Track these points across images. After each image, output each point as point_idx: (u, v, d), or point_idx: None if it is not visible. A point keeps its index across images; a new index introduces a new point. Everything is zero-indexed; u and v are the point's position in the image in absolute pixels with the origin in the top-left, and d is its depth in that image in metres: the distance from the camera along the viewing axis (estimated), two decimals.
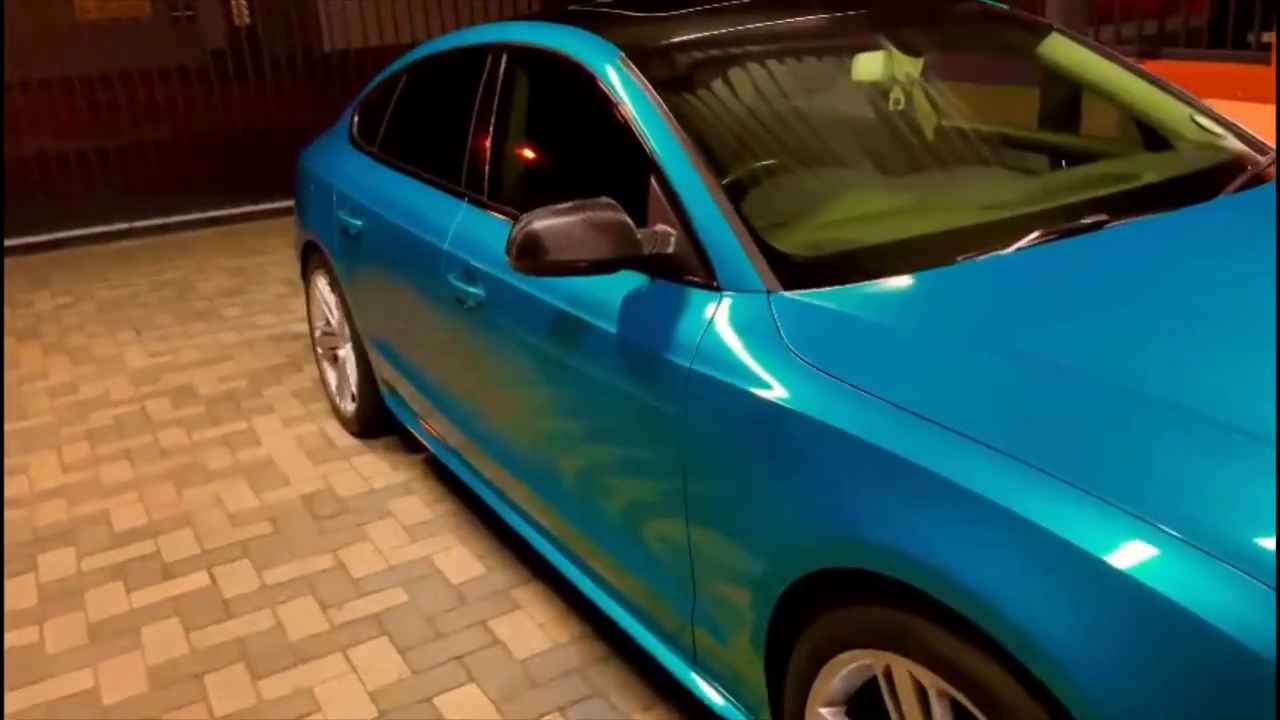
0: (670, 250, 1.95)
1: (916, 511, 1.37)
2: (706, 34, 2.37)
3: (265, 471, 3.56)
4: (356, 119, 3.66)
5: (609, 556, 2.21)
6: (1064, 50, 2.68)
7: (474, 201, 2.65)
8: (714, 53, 2.33)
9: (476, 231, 2.57)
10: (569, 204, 1.90)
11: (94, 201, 8.03)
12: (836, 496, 1.48)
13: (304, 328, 5.09)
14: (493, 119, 2.66)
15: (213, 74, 8.91)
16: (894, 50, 2.45)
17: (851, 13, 2.50)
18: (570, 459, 2.27)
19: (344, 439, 3.78)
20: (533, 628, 2.59)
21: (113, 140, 8.42)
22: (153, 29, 9.49)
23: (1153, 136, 2.58)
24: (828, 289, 1.76)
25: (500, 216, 2.52)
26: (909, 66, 2.48)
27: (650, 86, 2.18)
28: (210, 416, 4.08)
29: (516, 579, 2.81)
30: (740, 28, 2.40)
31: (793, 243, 1.91)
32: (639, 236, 1.92)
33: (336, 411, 3.91)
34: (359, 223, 3.22)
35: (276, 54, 9.15)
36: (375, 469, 3.53)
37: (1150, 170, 2.26)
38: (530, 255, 1.88)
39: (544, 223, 1.87)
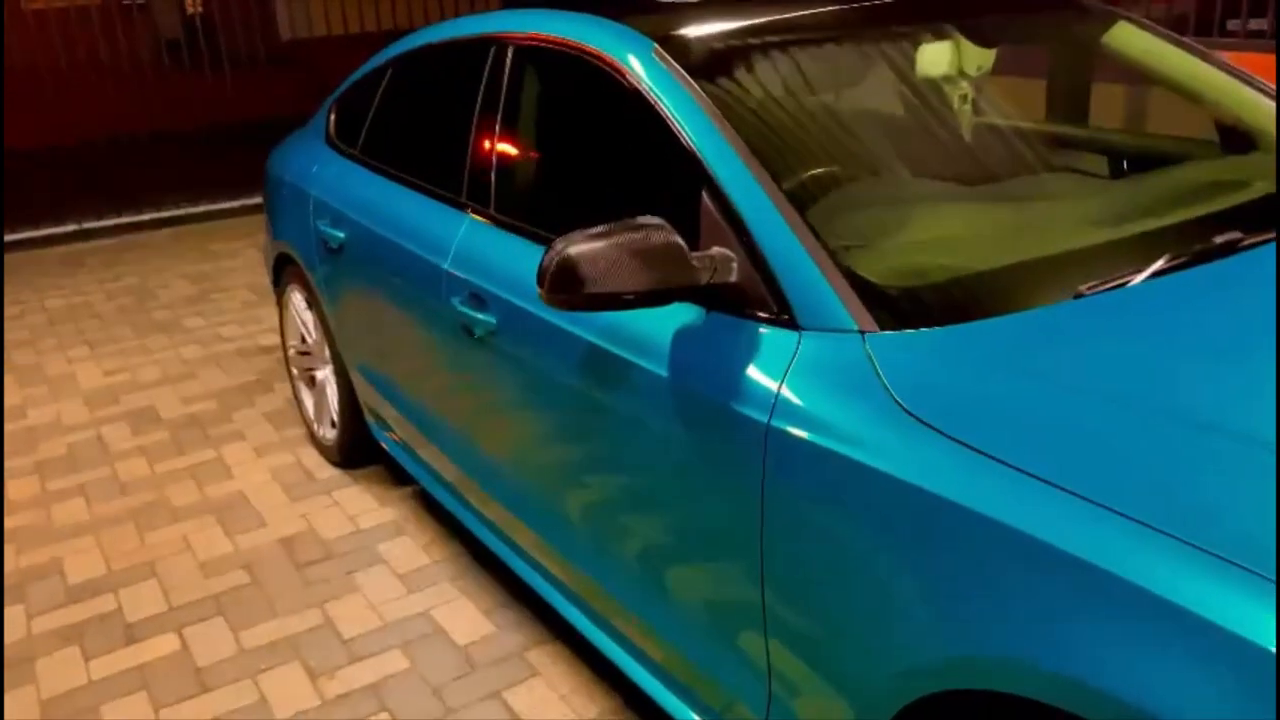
0: (733, 279, 1.64)
1: (1104, 630, 1.07)
2: (752, 21, 2.06)
3: (238, 510, 3.22)
4: (334, 118, 3.31)
5: (647, 624, 1.90)
6: (1133, 40, 2.40)
7: (479, 215, 2.33)
8: (761, 43, 2.02)
9: (483, 250, 2.25)
10: (608, 225, 1.59)
11: (43, 201, 7.58)
12: (988, 604, 1.19)
13: (275, 340, 4.73)
14: (498, 121, 2.34)
15: (166, 65, 8.47)
16: (963, 41, 2.16)
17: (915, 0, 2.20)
18: (602, 514, 1.96)
19: (324, 470, 3.45)
20: (554, 700, 2.28)
21: (62, 136, 7.96)
22: (103, 19, 9.00)
23: (1231, 135, 2.31)
24: (936, 328, 1.46)
25: (511, 233, 2.20)
26: (979, 59, 2.19)
27: (692, 83, 1.87)
28: (175, 444, 3.72)
29: (531, 639, 2.50)
30: (790, 14, 2.09)
31: (882, 269, 1.61)
32: (694, 263, 1.61)
33: (314, 439, 3.57)
34: (341, 235, 2.88)
35: (232, 44, 8.72)
36: (361, 505, 3.19)
37: (1258, 176, 1.98)
38: (566, 287, 1.57)
39: (581, 248, 1.56)
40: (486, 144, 2.35)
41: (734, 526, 1.59)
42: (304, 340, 3.50)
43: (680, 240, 1.59)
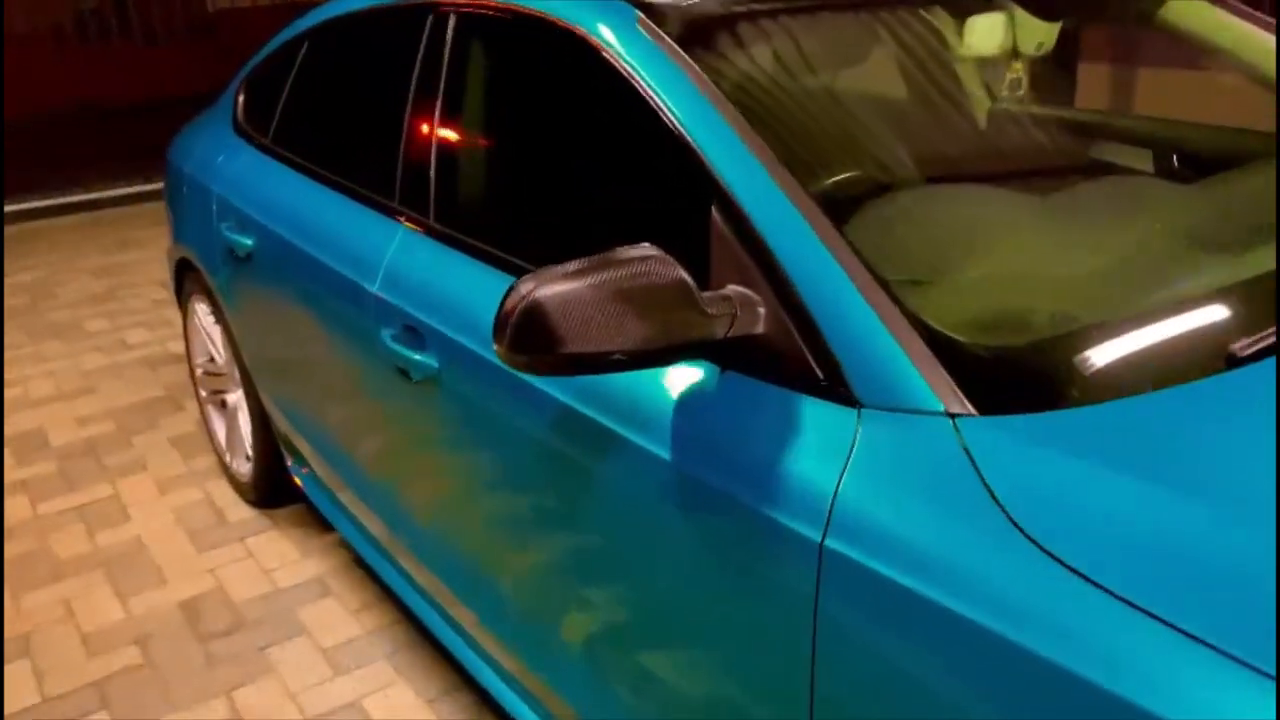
0: (759, 329, 1.22)
1: None
2: None
3: (134, 563, 2.73)
4: (242, 99, 2.81)
5: None
6: (1196, 15, 2.00)
7: (415, 225, 1.87)
8: (773, 10, 1.59)
9: (421, 271, 1.79)
10: (590, 259, 1.15)
11: None
12: None
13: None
14: (438, 109, 1.87)
15: (83, 36, 7.78)
16: (1020, 12, 1.74)
17: None
18: (572, 613, 1.53)
19: (237, 510, 2.96)
20: None
21: None
22: None
23: None
24: (1060, 410, 1.05)
25: (456, 249, 1.75)
26: (1041, 35, 1.77)
27: (690, 61, 1.43)
28: (64, 478, 3.21)
29: None
30: None
31: (961, 318, 1.19)
32: (707, 308, 1.18)
33: (226, 470, 3.08)
34: (249, 242, 2.39)
35: (153, 13, 8.04)
36: (280, 556, 2.72)
37: None
38: (533, 343, 1.13)
39: (553, 290, 1.12)
40: (423, 137, 1.89)
41: (769, 676, 1.16)
42: (212, 359, 3.00)
43: (687, 277, 1.16)
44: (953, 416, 1.06)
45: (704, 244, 1.30)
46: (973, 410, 1.06)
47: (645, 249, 1.16)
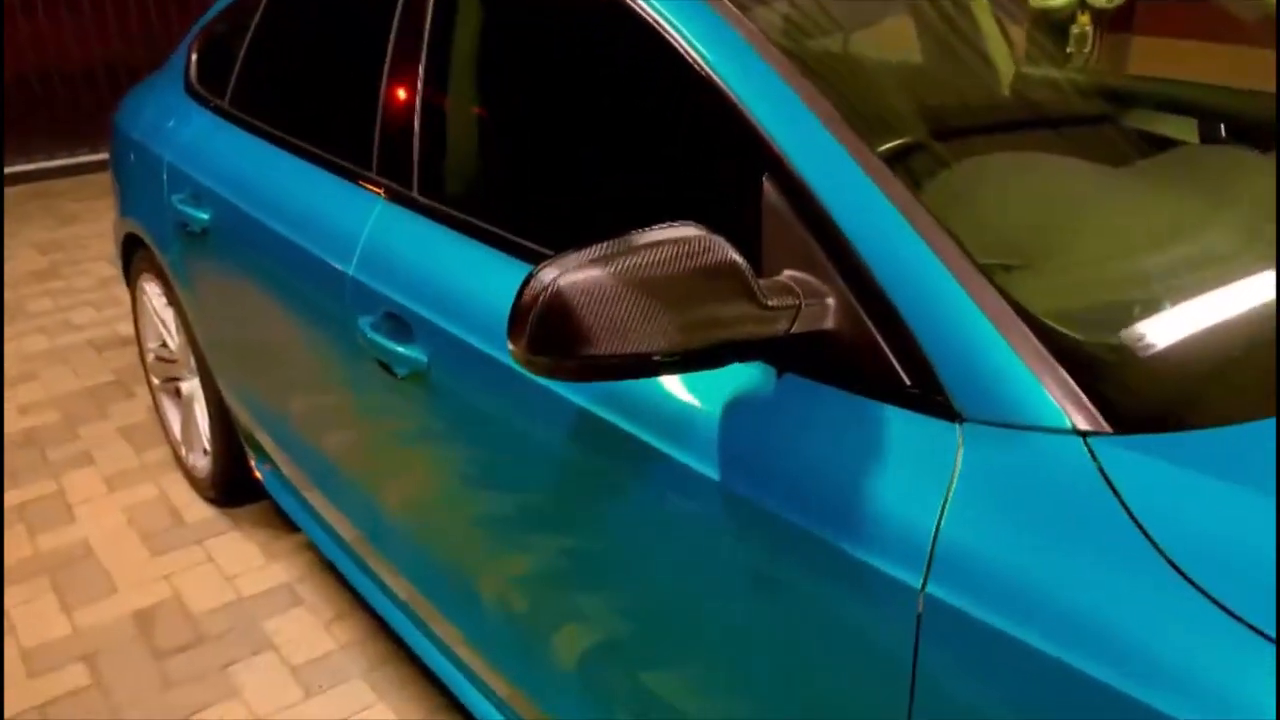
0: (828, 325, 1.01)
1: None
2: None
3: (80, 569, 2.48)
4: (196, 57, 2.54)
5: None
6: None
7: (396, 199, 1.64)
8: None
9: (404, 250, 1.57)
10: (621, 240, 0.93)
11: None
12: None
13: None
14: (423, 57, 1.64)
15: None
16: None
17: None
18: (588, 650, 1.33)
19: (195, 508, 2.72)
20: None
21: None
22: None
23: None
24: (1218, 427, 0.86)
25: (445, 225, 1.52)
26: None
27: (728, 3, 1.22)
28: (4, 473, 2.95)
29: None
30: None
31: (1081, 312, 0.99)
32: (766, 300, 0.97)
33: (182, 464, 2.84)
34: (204, 216, 2.15)
35: None
36: (243, 560, 2.49)
37: None
38: (555, 343, 0.92)
39: (579, 278, 0.91)
40: (406, 93, 1.65)
41: None
42: (165, 344, 2.75)
43: (742, 260, 0.95)
44: (1084, 435, 0.86)
45: (752, 222, 1.10)
46: (1107, 427, 0.87)
47: (687, 227, 0.95)
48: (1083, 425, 0.87)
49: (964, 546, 0.86)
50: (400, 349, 1.51)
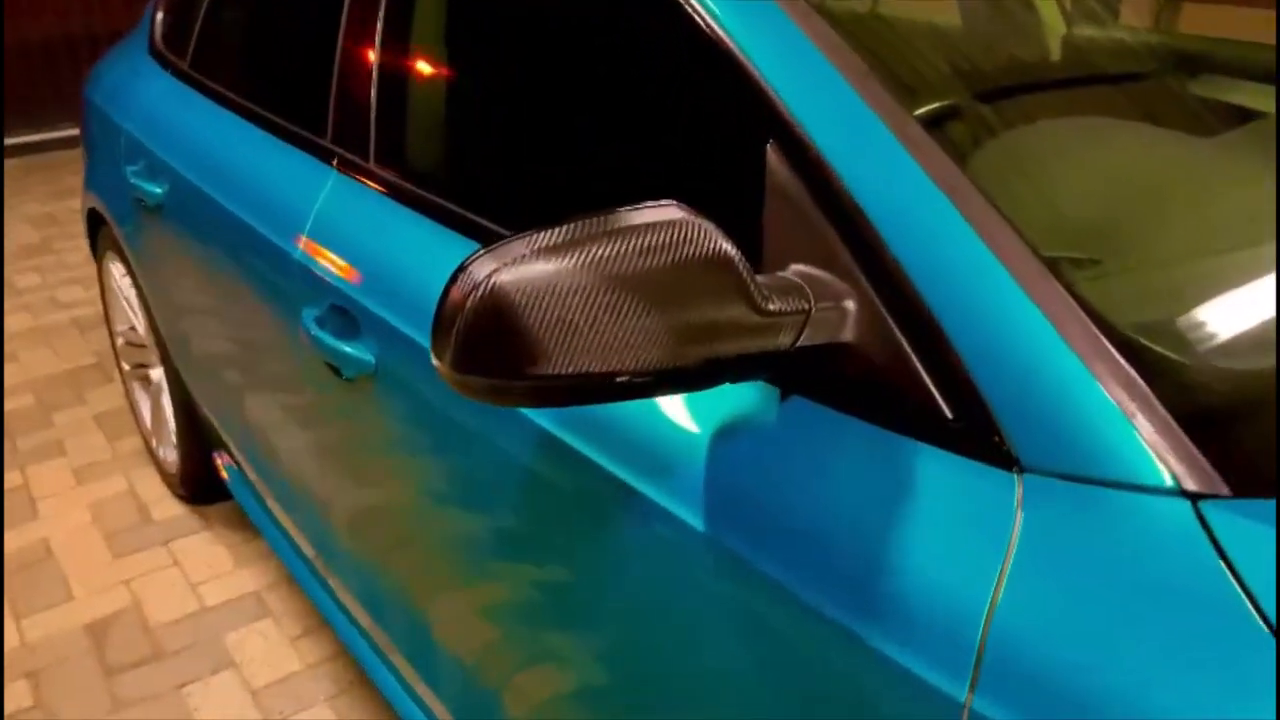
0: (846, 337, 0.79)
1: None
2: None
3: (37, 572, 2.30)
4: (160, 16, 2.33)
5: None
6: None
7: (351, 170, 1.42)
8: None
9: (356, 230, 1.35)
10: (583, 224, 0.71)
11: None
12: None
13: None
14: (382, 14, 1.41)
15: None
16: None
17: None
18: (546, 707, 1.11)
19: (165, 505, 2.53)
20: None
21: None
22: None
23: None
24: None
25: (402, 203, 1.30)
26: None
27: None
28: None
29: None
30: None
31: (1166, 329, 0.76)
32: (765, 302, 0.74)
33: (154, 456, 2.65)
34: (158, 190, 1.93)
35: None
36: (210, 565, 2.29)
37: None
38: (493, 360, 0.69)
39: (524, 273, 0.69)
40: (364, 51, 1.43)
41: None
42: (133, 327, 2.55)
43: (735, 251, 0.72)
44: (1193, 497, 0.63)
45: (751, 204, 0.87)
46: (1225, 489, 0.64)
47: (668, 208, 0.72)
48: (1191, 485, 0.64)
49: (1023, 643, 0.64)
50: (346, 348, 1.29)
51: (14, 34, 6.43)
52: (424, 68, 1.40)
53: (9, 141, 6.16)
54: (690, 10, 0.92)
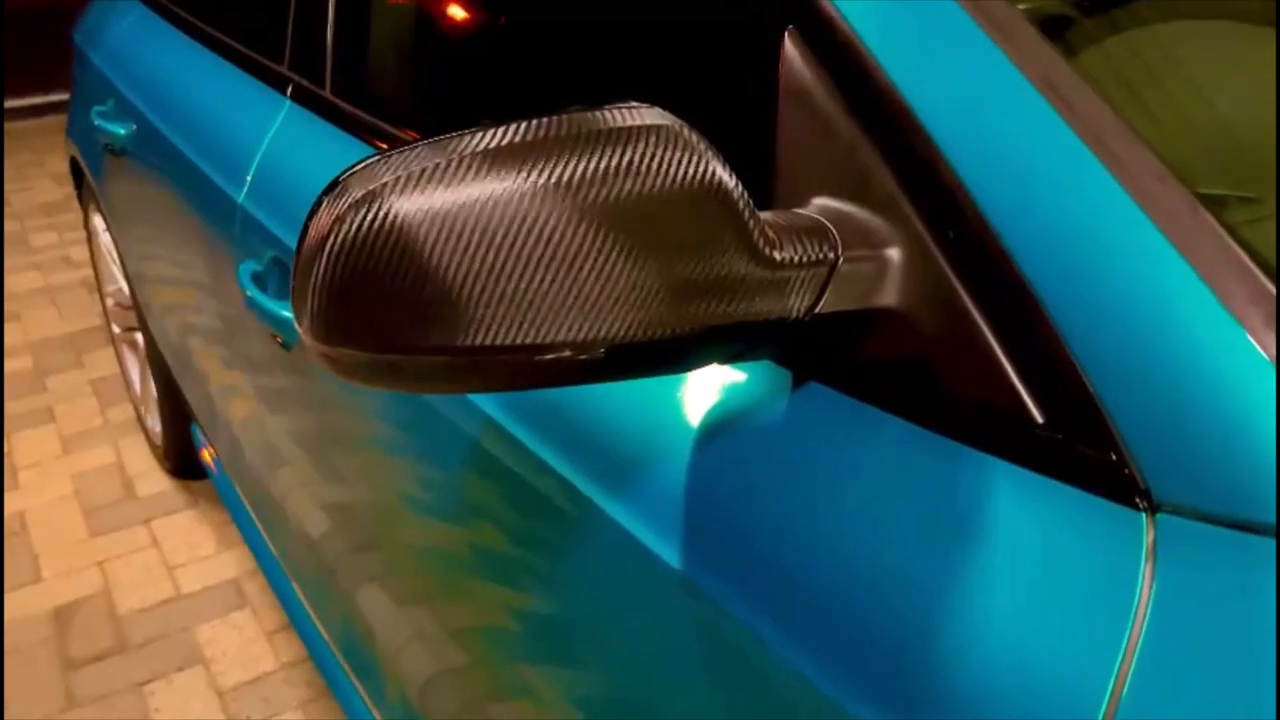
0: (888, 301, 0.54)
1: None
2: None
3: (7, 549, 2.13)
4: None
5: None
6: None
7: (303, 98, 1.19)
8: None
9: (304, 169, 1.12)
10: (526, 126, 0.47)
11: None
12: None
13: None
14: None
15: None
16: None
17: None
18: None
19: (151, 479, 2.35)
20: None
21: None
22: None
23: None
24: None
25: (357, 133, 1.07)
26: None
27: None
28: None
29: None
30: None
31: None
32: (773, 251, 0.50)
33: (144, 426, 2.47)
34: (122, 132, 1.73)
35: None
36: (190, 547, 2.11)
37: None
38: (368, 321, 0.46)
39: (435, 194, 0.45)
40: None
41: None
42: (123, 288, 2.36)
43: (730, 177, 0.48)
44: None
45: (762, 113, 0.63)
46: None
47: (645, 112, 0.48)
48: None
49: None
50: (285, 311, 1.07)
51: None
52: None
53: (40, 99, 6.05)
54: None
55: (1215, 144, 0.64)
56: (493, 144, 0.46)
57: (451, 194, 0.45)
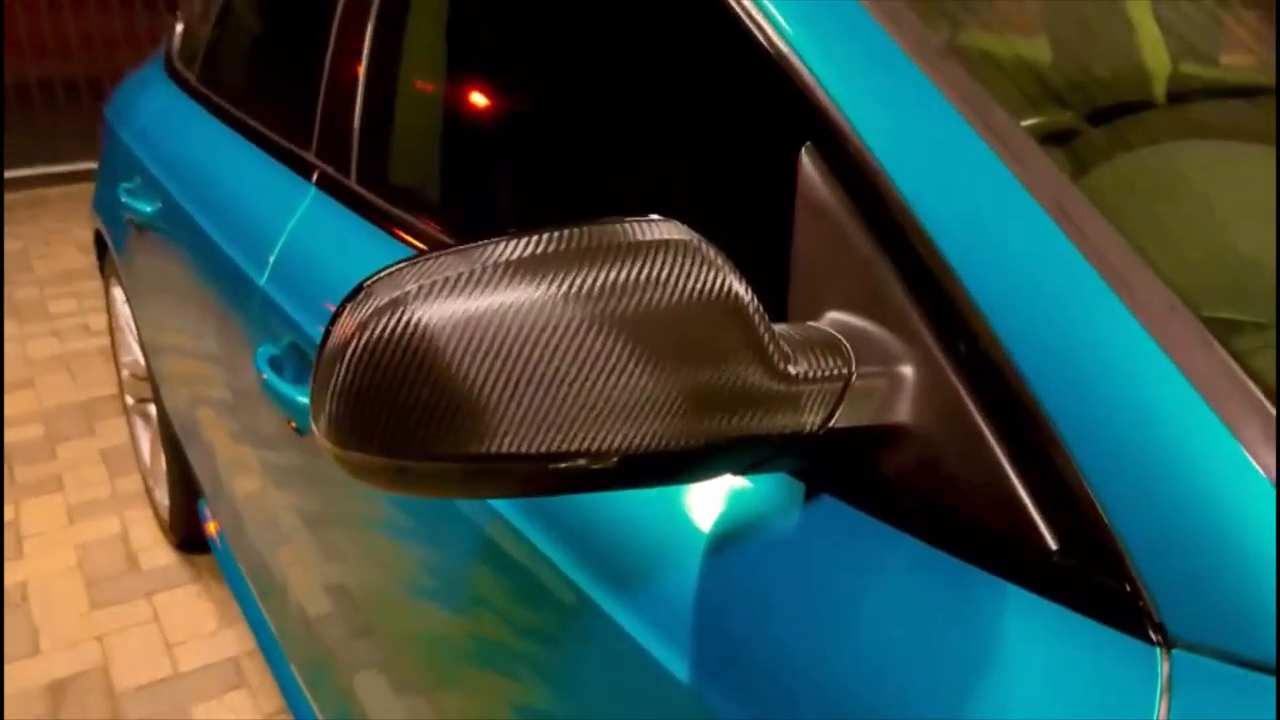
0: (898, 418, 0.55)
1: None
2: None
3: (8, 619, 2.11)
4: (180, 28, 2.18)
5: None
6: None
7: (329, 188, 1.21)
8: None
9: (326, 256, 1.14)
10: (546, 237, 0.48)
11: None
12: None
13: None
14: (373, 19, 1.21)
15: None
16: None
17: None
18: None
19: (155, 552, 2.34)
20: None
21: None
22: None
23: None
24: None
25: (380, 223, 1.09)
26: None
27: None
28: None
29: None
30: None
31: None
32: (788, 365, 0.51)
33: (151, 498, 2.46)
34: (148, 209, 1.76)
35: None
36: (191, 624, 2.09)
37: None
38: (385, 425, 0.46)
39: (455, 305, 0.45)
40: (353, 60, 1.23)
41: None
42: (138, 360, 2.38)
43: (746, 291, 0.49)
44: None
45: (779, 228, 0.64)
46: None
47: (663, 226, 0.49)
48: None
49: None
50: (300, 396, 1.08)
51: (79, 65, 6.49)
52: (415, 78, 1.19)
53: (68, 167, 6.17)
54: (754, 23, 0.70)
55: (1223, 267, 0.65)
56: (516, 254, 0.46)
57: (475, 303, 0.45)
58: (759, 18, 0.65)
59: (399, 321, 0.45)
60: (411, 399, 0.46)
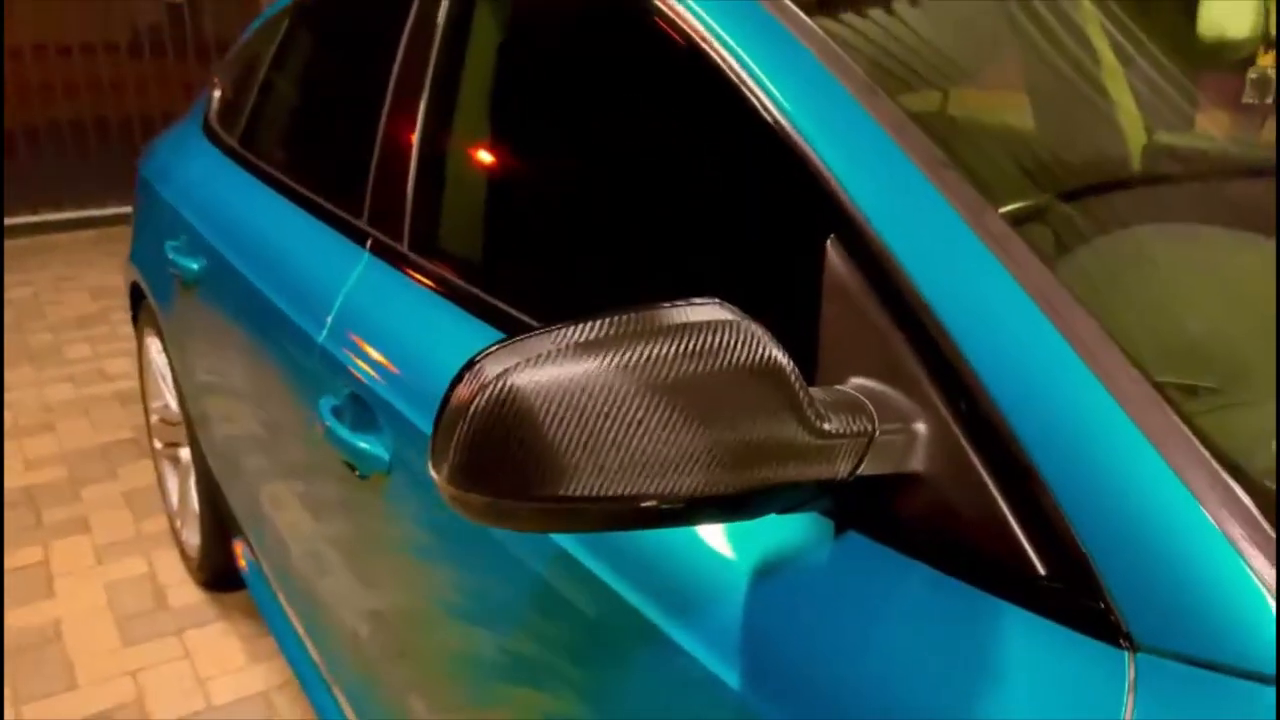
0: (916, 467, 0.66)
1: None
2: None
3: (43, 655, 2.20)
4: (217, 94, 2.31)
5: None
6: None
7: (383, 254, 1.34)
8: None
9: (382, 315, 1.26)
10: (612, 321, 0.60)
11: None
12: None
13: None
14: (426, 93, 1.35)
15: (134, 51, 7.33)
16: None
17: None
18: None
19: (183, 591, 2.43)
20: None
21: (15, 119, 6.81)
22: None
23: None
24: None
25: (432, 287, 1.21)
26: None
27: (808, 22, 0.89)
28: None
29: None
30: None
31: None
32: (820, 422, 0.63)
33: (178, 539, 2.56)
34: (195, 266, 1.88)
35: (208, 34, 7.58)
36: (221, 659, 2.18)
37: None
38: (495, 472, 0.58)
39: (544, 375, 0.57)
40: (401, 133, 1.36)
41: None
42: (168, 405, 2.49)
43: (787, 360, 0.61)
44: None
45: (809, 307, 0.76)
46: None
47: (711, 307, 0.61)
48: None
49: None
50: (362, 443, 1.19)
51: (94, 111, 6.62)
52: (466, 152, 1.32)
53: (77, 214, 6.29)
54: (746, 92, 0.83)
55: (1179, 339, 0.77)
56: (585, 337, 0.58)
57: (557, 374, 0.57)
58: (802, 144, 0.78)
59: (503, 389, 0.57)
60: (512, 450, 0.58)
